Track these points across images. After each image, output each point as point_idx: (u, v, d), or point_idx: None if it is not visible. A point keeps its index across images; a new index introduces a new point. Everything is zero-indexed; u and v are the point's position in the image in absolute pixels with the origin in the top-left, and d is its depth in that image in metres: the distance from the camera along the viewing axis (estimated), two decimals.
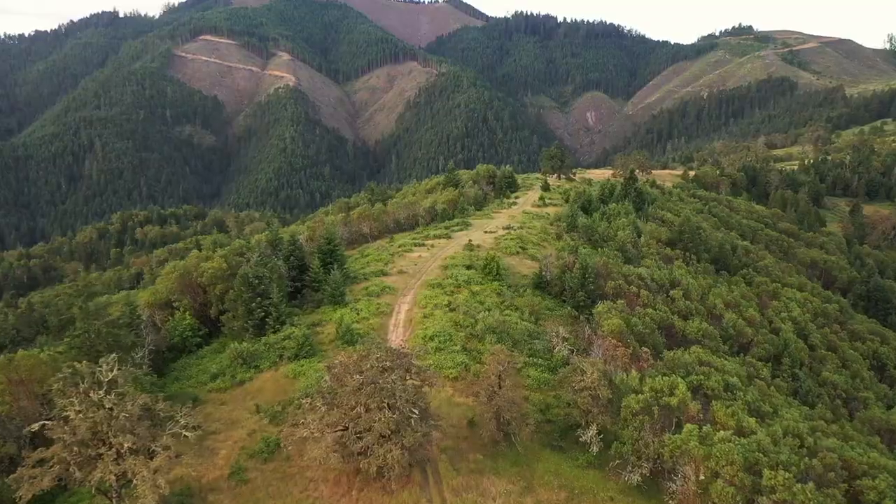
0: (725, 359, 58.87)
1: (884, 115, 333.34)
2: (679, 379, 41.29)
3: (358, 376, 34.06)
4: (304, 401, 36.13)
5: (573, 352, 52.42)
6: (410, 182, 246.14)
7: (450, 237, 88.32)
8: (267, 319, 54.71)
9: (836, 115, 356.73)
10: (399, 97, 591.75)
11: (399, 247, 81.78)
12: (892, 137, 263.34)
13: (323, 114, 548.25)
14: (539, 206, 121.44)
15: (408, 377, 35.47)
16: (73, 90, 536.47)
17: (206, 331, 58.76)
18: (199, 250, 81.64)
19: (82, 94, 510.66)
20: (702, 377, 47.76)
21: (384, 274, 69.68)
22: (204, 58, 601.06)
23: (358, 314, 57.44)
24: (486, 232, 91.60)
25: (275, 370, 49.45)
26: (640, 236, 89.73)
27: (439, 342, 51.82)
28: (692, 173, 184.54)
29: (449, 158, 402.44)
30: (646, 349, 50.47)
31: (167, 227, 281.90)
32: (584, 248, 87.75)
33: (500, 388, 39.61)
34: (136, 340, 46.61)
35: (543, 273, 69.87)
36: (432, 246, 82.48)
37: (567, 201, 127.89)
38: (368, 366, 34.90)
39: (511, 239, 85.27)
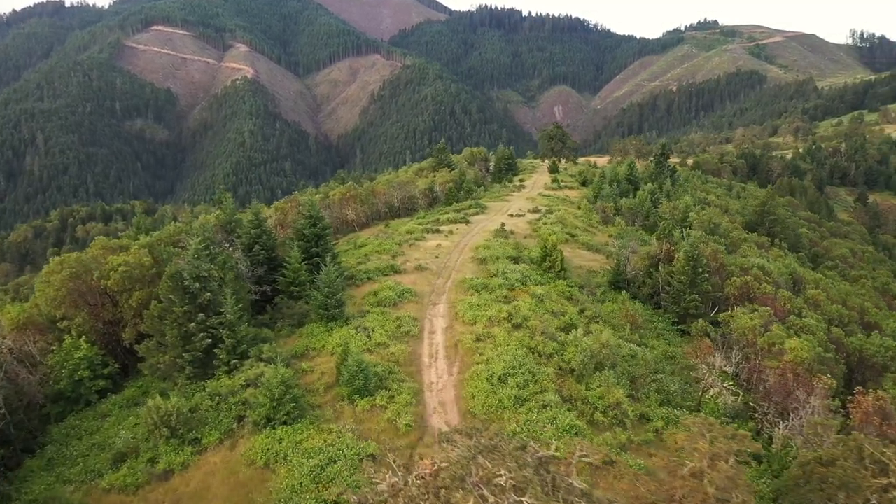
0: None
1: (858, 106, 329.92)
2: None
3: None
4: None
5: (740, 396, 31.22)
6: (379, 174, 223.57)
7: (468, 222, 66.37)
8: (216, 350, 31.96)
9: (812, 107, 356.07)
10: (362, 90, 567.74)
11: (407, 234, 59.24)
12: (877, 126, 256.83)
13: (283, 107, 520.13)
14: (553, 189, 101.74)
15: None
16: (15, 83, 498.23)
17: (115, 367, 35.67)
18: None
19: (24, 85, 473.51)
20: None
21: (396, 271, 46.85)
22: (156, 49, 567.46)
23: (369, 337, 34.80)
24: (512, 216, 70.12)
25: (229, 449, 26.67)
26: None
27: (517, 387, 29.78)
28: (690, 160, 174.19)
29: (416, 152, 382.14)
30: (883, 395, 29.55)
31: (112, 224, 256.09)
32: (640, 233, 67.44)
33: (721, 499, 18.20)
34: None
35: (623, 267, 48.49)
36: (450, 232, 60.20)
37: (583, 184, 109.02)
38: None
39: (553, 223, 63.70)
